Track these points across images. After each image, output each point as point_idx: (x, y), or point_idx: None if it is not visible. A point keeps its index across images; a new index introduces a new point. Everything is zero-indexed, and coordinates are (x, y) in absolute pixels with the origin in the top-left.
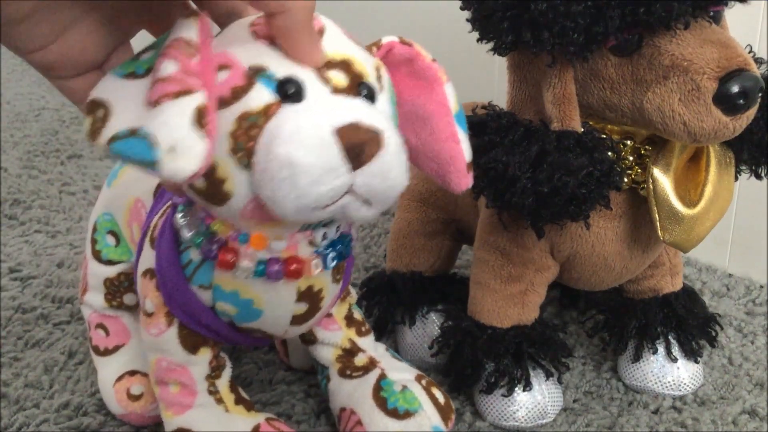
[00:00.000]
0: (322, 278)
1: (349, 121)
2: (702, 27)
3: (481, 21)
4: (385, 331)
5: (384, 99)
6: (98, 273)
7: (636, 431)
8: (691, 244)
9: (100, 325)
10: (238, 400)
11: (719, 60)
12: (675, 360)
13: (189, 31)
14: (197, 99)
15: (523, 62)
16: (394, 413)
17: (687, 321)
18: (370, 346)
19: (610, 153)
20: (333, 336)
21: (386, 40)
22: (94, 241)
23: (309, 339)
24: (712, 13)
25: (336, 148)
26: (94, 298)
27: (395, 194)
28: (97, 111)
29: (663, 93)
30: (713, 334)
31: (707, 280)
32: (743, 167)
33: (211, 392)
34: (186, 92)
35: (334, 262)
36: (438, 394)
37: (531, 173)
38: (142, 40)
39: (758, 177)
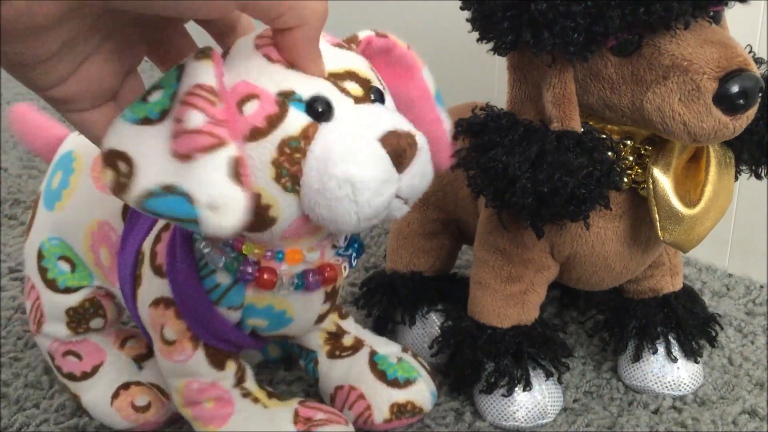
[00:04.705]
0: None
1: (387, 129)
2: (702, 27)
3: (481, 21)
4: (385, 331)
5: (389, 97)
6: (57, 303)
7: (636, 431)
8: (691, 244)
9: (69, 353)
10: (270, 394)
11: (719, 60)
12: (675, 360)
13: (206, 74)
14: (229, 151)
15: (523, 62)
16: (396, 383)
17: (687, 321)
18: (352, 328)
19: (610, 153)
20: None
21: (363, 34)
22: (43, 270)
23: None
24: (712, 13)
25: (387, 158)
26: (55, 329)
27: (427, 187)
28: (119, 163)
29: (663, 93)
30: (713, 334)
31: (707, 280)
32: (743, 167)
33: (245, 395)
34: (218, 145)
35: (356, 261)
36: (424, 363)
37: (531, 173)
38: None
39: (758, 177)
